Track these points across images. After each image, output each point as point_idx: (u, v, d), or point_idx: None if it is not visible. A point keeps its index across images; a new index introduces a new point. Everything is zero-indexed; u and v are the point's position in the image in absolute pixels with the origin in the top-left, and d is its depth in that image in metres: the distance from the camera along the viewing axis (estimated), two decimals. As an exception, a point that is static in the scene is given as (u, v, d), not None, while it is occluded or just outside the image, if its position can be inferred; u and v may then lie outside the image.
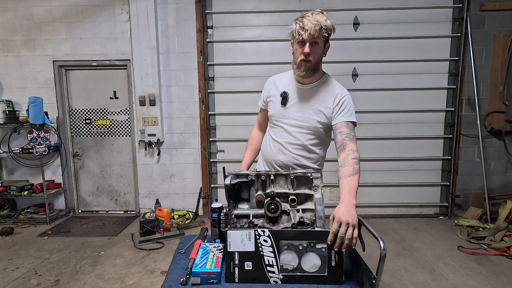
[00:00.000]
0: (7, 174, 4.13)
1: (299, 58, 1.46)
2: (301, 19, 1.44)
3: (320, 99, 1.55)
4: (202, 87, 3.89)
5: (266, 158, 1.68)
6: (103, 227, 3.73)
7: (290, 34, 1.51)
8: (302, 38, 1.41)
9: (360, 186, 4.34)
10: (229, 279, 1.15)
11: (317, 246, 1.15)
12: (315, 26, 1.40)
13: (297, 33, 1.42)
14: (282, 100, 1.58)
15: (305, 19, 1.42)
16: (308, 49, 1.43)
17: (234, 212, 1.35)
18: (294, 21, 1.48)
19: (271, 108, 1.63)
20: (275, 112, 1.61)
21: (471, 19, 3.65)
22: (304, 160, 1.61)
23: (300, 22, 1.44)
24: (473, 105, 3.78)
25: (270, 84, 1.67)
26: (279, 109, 1.59)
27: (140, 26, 3.71)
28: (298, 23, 1.44)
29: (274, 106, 1.62)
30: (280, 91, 1.61)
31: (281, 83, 1.63)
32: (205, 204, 4.10)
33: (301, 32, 1.41)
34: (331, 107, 1.53)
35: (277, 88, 1.63)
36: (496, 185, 3.90)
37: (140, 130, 3.86)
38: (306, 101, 1.56)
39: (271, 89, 1.65)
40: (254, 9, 3.79)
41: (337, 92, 1.54)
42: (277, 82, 1.65)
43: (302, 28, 1.41)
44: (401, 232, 3.50)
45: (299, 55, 1.46)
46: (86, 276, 2.64)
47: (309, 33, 1.39)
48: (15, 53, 3.91)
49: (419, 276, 2.58)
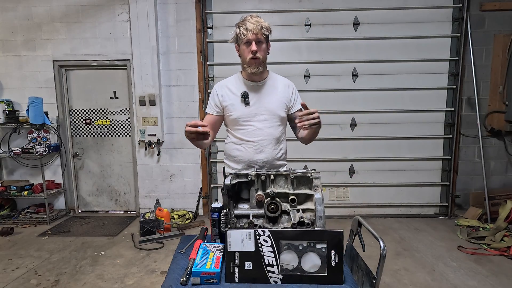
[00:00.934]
0: (7, 174, 4.13)
1: (248, 57, 1.58)
2: (242, 22, 1.58)
3: (278, 91, 1.69)
4: (202, 87, 3.89)
5: (245, 161, 1.67)
6: (103, 227, 3.73)
7: (233, 39, 1.65)
8: (247, 38, 1.55)
9: (360, 186, 4.35)
10: (229, 279, 1.15)
11: (317, 246, 1.15)
12: (257, 26, 1.54)
13: (242, 34, 1.56)
14: (245, 100, 1.64)
15: (246, 22, 1.56)
16: (255, 47, 1.56)
17: (234, 212, 1.35)
18: (236, 26, 1.62)
19: (234, 111, 1.65)
20: (241, 114, 1.64)
21: (471, 19, 3.65)
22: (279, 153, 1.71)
23: (242, 25, 1.57)
24: (473, 105, 3.78)
25: (222, 89, 1.69)
26: (243, 109, 1.64)
27: (140, 26, 3.71)
28: (240, 26, 1.58)
29: (236, 108, 1.65)
30: (237, 93, 1.66)
31: (233, 86, 1.69)
32: (205, 204, 4.10)
33: (245, 33, 1.54)
34: (289, 96, 1.71)
35: (231, 91, 1.67)
36: (496, 185, 3.90)
37: (140, 130, 3.86)
38: (266, 95, 1.66)
39: (226, 93, 1.68)
40: (254, 9, 3.79)
41: (288, 83, 1.74)
42: (228, 86, 1.69)
43: (246, 29, 1.54)
44: (401, 232, 3.50)
45: (248, 54, 1.58)
46: (86, 276, 2.64)
47: (253, 32, 1.53)
48: (15, 53, 3.91)
49: (419, 276, 2.58)
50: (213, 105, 1.71)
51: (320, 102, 3.84)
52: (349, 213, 4.01)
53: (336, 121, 3.91)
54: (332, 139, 3.91)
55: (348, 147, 3.93)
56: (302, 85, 3.83)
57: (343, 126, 3.93)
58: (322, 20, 3.78)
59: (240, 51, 1.64)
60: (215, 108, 1.70)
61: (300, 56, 3.84)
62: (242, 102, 1.64)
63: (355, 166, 3.97)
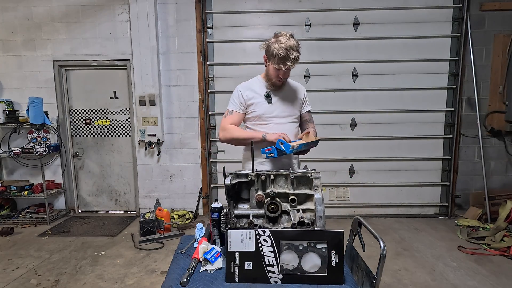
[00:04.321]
0: (7, 174, 4.13)
1: (274, 79, 1.77)
2: (280, 46, 1.64)
3: (294, 93, 1.91)
4: (202, 87, 3.89)
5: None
6: (103, 227, 3.73)
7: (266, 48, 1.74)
8: (282, 69, 1.69)
9: (360, 186, 4.34)
10: (230, 279, 1.15)
11: (317, 246, 1.15)
12: (294, 63, 1.68)
13: (277, 62, 1.67)
14: (268, 98, 1.83)
15: (288, 52, 1.64)
16: (284, 75, 1.75)
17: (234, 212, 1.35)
18: (275, 41, 1.68)
19: (257, 109, 1.83)
20: (265, 111, 1.83)
21: (471, 19, 3.65)
22: None
23: (281, 51, 1.64)
24: (473, 105, 3.78)
25: (245, 90, 1.87)
26: (267, 107, 1.83)
27: (140, 26, 3.71)
28: (278, 51, 1.64)
29: (260, 106, 1.83)
30: (260, 93, 1.84)
31: (256, 87, 1.87)
32: (205, 204, 4.10)
33: (281, 66, 1.67)
34: (302, 98, 1.94)
35: (255, 91, 1.85)
36: (496, 185, 3.90)
37: (140, 130, 3.86)
38: (285, 96, 1.87)
39: (250, 93, 1.85)
40: (254, 9, 3.79)
41: (301, 86, 1.98)
42: (251, 87, 1.88)
43: (283, 60, 1.65)
44: (401, 232, 3.50)
45: (275, 77, 1.75)
46: (86, 276, 2.64)
47: (288, 67, 1.68)
48: (15, 53, 3.91)
49: (419, 276, 2.58)
50: (238, 104, 1.86)
51: (320, 102, 3.84)
52: (349, 213, 4.01)
53: (336, 121, 3.91)
54: (332, 139, 3.91)
55: (348, 147, 3.93)
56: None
57: (343, 126, 3.93)
58: (322, 20, 3.78)
59: (268, 65, 1.77)
60: (240, 106, 1.86)
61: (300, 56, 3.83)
62: (266, 100, 1.83)
63: (355, 166, 3.97)
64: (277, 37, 1.69)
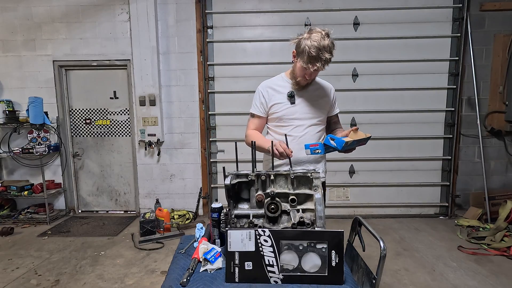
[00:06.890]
0: (7, 174, 4.13)
1: (300, 78, 1.64)
2: (313, 44, 1.47)
3: (321, 94, 1.75)
4: (202, 87, 3.89)
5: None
6: (103, 227, 3.73)
7: (297, 43, 1.56)
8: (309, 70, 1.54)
9: (360, 186, 4.33)
10: (229, 279, 1.15)
11: (317, 246, 1.15)
12: (324, 65, 1.52)
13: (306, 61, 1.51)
14: (291, 99, 1.69)
15: (320, 53, 1.47)
16: (311, 76, 1.62)
17: (234, 212, 1.35)
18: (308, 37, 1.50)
19: (279, 110, 1.70)
20: (286, 112, 1.70)
21: (471, 19, 3.65)
22: None
23: (312, 49, 1.47)
24: (473, 105, 3.78)
25: (267, 91, 1.73)
26: (289, 108, 1.69)
27: (140, 26, 3.71)
28: (309, 49, 1.47)
29: (281, 107, 1.70)
30: (283, 92, 1.71)
31: (278, 86, 1.73)
32: (205, 204, 4.10)
33: (309, 65, 1.52)
34: (330, 100, 1.78)
35: (276, 91, 1.72)
36: (496, 185, 3.90)
37: (140, 130, 3.86)
38: (310, 97, 1.72)
39: (272, 94, 1.72)
40: (254, 9, 3.79)
41: (330, 86, 1.81)
42: (272, 86, 1.74)
43: (313, 60, 1.49)
44: (401, 232, 3.50)
45: (301, 76, 1.62)
46: (86, 276, 2.64)
47: (316, 68, 1.52)
48: (15, 53, 3.91)
49: (419, 276, 2.58)
50: (258, 105, 1.75)
51: (320, 102, 3.83)
52: (349, 213, 4.01)
53: (336, 121, 3.91)
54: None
55: (348, 147, 3.93)
56: (302, 85, 3.83)
57: (343, 126, 3.92)
58: (322, 20, 3.78)
59: (296, 62, 1.62)
60: (260, 109, 1.75)
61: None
62: (288, 101, 1.69)
63: (355, 166, 3.97)
64: (311, 33, 1.51)
